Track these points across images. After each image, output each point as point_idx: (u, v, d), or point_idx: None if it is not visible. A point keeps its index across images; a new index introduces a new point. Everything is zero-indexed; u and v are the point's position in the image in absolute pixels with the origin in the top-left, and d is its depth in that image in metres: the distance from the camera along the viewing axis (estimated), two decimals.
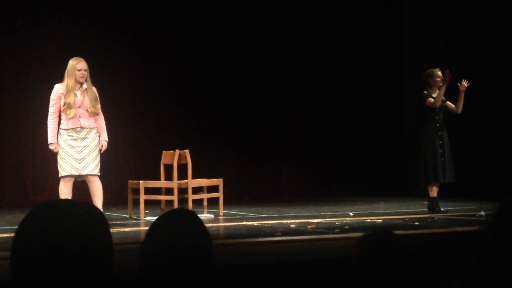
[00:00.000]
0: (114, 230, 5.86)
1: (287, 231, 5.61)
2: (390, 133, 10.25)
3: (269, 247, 4.86)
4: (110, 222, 6.04)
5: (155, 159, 7.61)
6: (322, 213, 7.12)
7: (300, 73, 9.99)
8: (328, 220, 6.45)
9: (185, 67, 9.45)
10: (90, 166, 6.03)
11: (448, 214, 6.97)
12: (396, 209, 7.66)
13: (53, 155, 6.26)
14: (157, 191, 7.24)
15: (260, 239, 5.09)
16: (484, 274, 1.21)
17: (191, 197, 7.01)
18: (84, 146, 6.03)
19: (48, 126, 6.17)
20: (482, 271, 1.22)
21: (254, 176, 9.71)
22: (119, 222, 6.63)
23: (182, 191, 7.07)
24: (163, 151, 7.37)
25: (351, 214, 7.05)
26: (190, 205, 6.97)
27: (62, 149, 6.05)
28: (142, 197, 6.95)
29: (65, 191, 6.04)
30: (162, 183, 7.22)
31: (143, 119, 9.23)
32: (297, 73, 9.98)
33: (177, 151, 7.21)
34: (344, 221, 6.30)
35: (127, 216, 7.06)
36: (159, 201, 7.24)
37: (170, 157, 7.22)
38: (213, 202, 7.33)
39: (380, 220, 6.45)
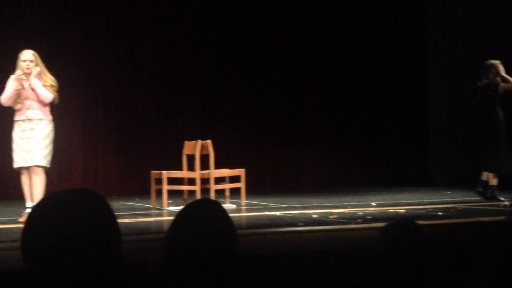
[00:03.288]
0: (137, 220, 5.90)
1: (309, 221, 5.60)
2: (413, 123, 10.17)
3: (291, 237, 4.86)
4: (133, 212, 6.06)
5: (177, 150, 7.64)
6: (344, 203, 7.10)
7: (321, 62, 9.94)
8: (350, 210, 6.42)
9: (206, 58, 9.45)
10: (37, 156, 5.82)
11: (473, 204, 6.90)
12: (419, 199, 7.61)
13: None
14: (179, 181, 7.27)
15: (282, 229, 5.09)
16: (509, 265, 1.20)
17: (213, 187, 7.03)
18: (32, 136, 5.83)
19: (5, 95, 5.91)
20: (507, 261, 1.20)
21: (276, 166, 9.71)
22: (142, 212, 6.67)
23: (205, 181, 7.10)
24: (185, 142, 7.39)
25: (373, 204, 7.02)
26: (212, 195, 6.99)
27: (13, 141, 5.91)
28: (165, 187, 6.98)
29: (23, 184, 5.88)
30: (184, 173, 7.25)
31: (165, 110, 9.26)
32: (318, 62, 9.93)
33: (199, 142, 7.22)
34: (366, 211, 6.27)
35: (150, 206, 7.11)
36: (181, 191, 7.27)
37: (193, 147, 7.25)
38: (235, 192, 7.35)
39: (403, 210, 6.41)
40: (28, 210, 5.77)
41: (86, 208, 1.27)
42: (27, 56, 5.90)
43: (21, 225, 5.48)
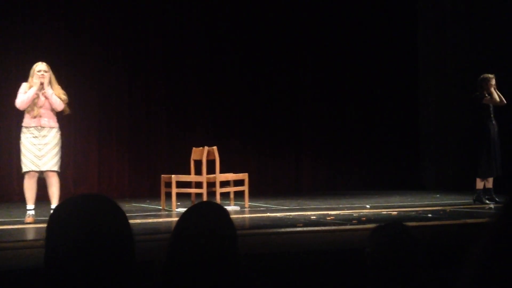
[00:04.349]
0: (148, 220, 5.91)
1: (308, 222, 5.60)
2: (405, 130, 10.17)
3: (291, 237, 4.86)
4: (144, 213, 6.05)
5: (185, 155, 7.66)
6: (341, 205, 7.09)
7: (317, 70, 9.95)
8: (346, 212, 6.42)
9: (213, 72, 9.47)
10: (50, 162, 5.82)
11: (460, 206, 6.91)
12: (410, 202, 7.60)
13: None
14: (187, 184, 7.28)
15: (283, 230, 5.09)
16: (492, 265, 1.20)
17: (218, 190, 7.04)
18: (45, 144, 5.83)
19: (24, 98, 5.83)
20: (490, 262, 1.20)
21: (277, 171, 9.71)
22: (153, 213, 6.67)
23: (211, 184, 7.11)
24: (193, 148, 7.41)
25: (368, 206, 7.01)
26: (218, 197, 7.00)
27: (24, 146, 5.85)
28: (174, 190, 7.00)
29: (29, 187, 5.83)
30: (192, 177, 7.26)
31: (174, 118, 9.28)
32: (315, 70, 9.95)
33: (206, 148, 7.24)
34: (361, 213, 6.27)
35: (160, 207, 7.12)
36: (189, 194, 7.28)
37: (200, 153, 7.26)
38: (239, 195, 7.35)
39: (395, 212, 6.40)
40: (31, 213, 5.77)
41: (102, 211, 1.29)
42: (42, 67, 5.92)
43: (26, 226, 5.51)
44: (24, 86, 5.95)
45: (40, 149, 5.84)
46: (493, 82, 7.12)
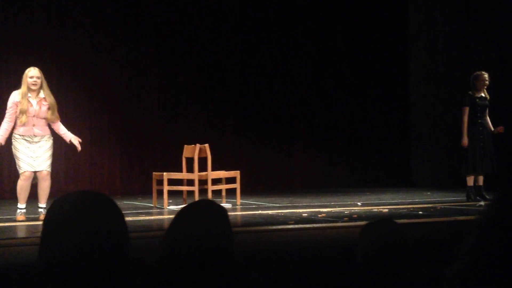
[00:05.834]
0: (140, 218, 5.90)
1: (300, 219, 5.62)
2: (396, 129, 10.21)
3: (283, 234, 4.88)
4: (136, 211, 6.03)
5: (177, 153, 7.65)
6: (332, 203, 7.11)
7: (311, 68, 9.97)
8: (337, 209, 6.44)
9: (204, 69, 9.46)
10: (46, 163, 5.83)
11: (451, 204, 6.94)
12: (401, 199, 7.64)
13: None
14: (179, 182, 7.28)
15: (275, 227, 5.10)
16: (480, 262, 1.21)
17: (210, 188, 7.04)
18: (39, 147, 5.84)
19: (2, 126, 5.86)
20: (477, 259, 1.21)
21: (269, 169, 9.73)
22: (144, 210, 6.67)
23: (202, 182, 7.11)
24: (185, 146, 7.41)
25: (359, 204, 7.04)
26: (209, 195, 7.00)
27: (17, 150, 5.82)
28: (166, 188, 6.99)
29: (24, 188, 5.80)
30: (184, 175, 7.26)
31: (166, 116, 9.27)
32: (308, 68, 9.96)
33: (198, 146, 7.24)
34: (352, 211, 6.29)
35: (152, 205, 7.11)
36: (181, 192, 7.28)
37: (191, 151, 7.26)
38: (231, 193, 7.36)
39: (386, 210, 6.43)
40: (23, 211, 5.75)
41: (100, 209, 1.28)
42: (34, 72, 5.81)
43: (17, 224, 5.49)
44: (14, 95, 5.84)
45: (34, 151, 5.82)
46: (485, 79, 7.09)
